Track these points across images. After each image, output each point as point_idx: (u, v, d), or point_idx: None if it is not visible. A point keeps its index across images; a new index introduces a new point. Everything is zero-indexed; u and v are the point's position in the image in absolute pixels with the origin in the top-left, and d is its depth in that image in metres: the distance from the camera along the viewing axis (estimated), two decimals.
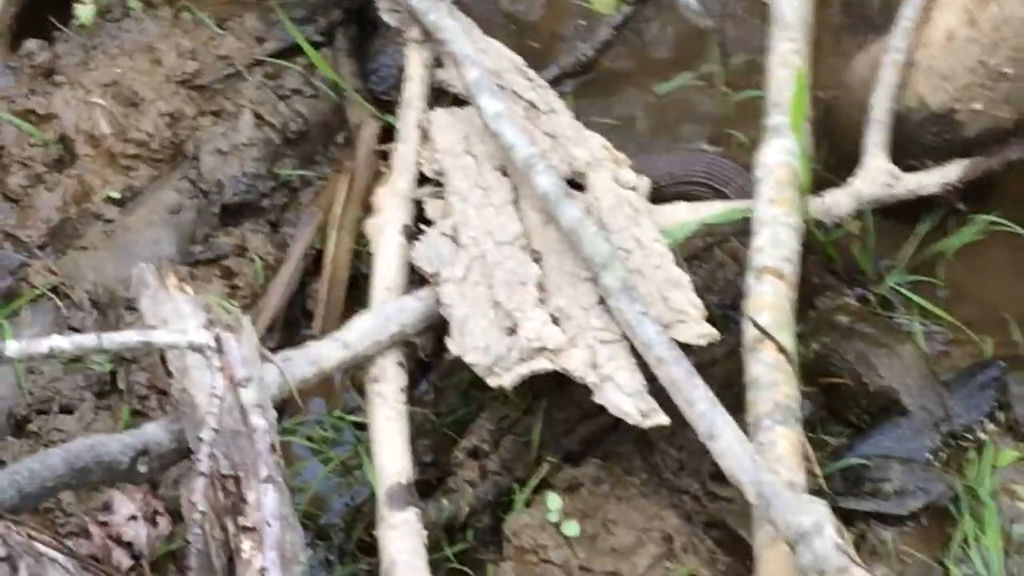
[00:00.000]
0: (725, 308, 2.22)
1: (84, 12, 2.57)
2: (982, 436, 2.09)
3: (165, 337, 1.88)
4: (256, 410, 1.66)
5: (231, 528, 1.62)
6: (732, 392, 1.95)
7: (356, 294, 2.23)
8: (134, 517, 1.85)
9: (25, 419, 2.17)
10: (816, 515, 1.67)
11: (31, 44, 2.60)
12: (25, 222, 2.45)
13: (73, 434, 2.17)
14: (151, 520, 1.85)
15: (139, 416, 2.19)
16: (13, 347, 1.75)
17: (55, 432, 2.15)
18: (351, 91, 2.53)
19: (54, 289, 2.35)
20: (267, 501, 1.61)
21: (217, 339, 1.71)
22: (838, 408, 2.17)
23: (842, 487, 2.04)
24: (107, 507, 1.89)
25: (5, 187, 2.53)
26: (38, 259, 2.38)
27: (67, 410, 2.17)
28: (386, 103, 2.46)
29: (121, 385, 2.18)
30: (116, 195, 2.44)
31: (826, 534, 1.68)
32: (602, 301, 2.00)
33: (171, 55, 2.55)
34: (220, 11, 2.68)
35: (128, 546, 1.78)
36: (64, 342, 1.73)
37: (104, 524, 1.85)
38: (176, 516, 1.93)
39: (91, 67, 2.56)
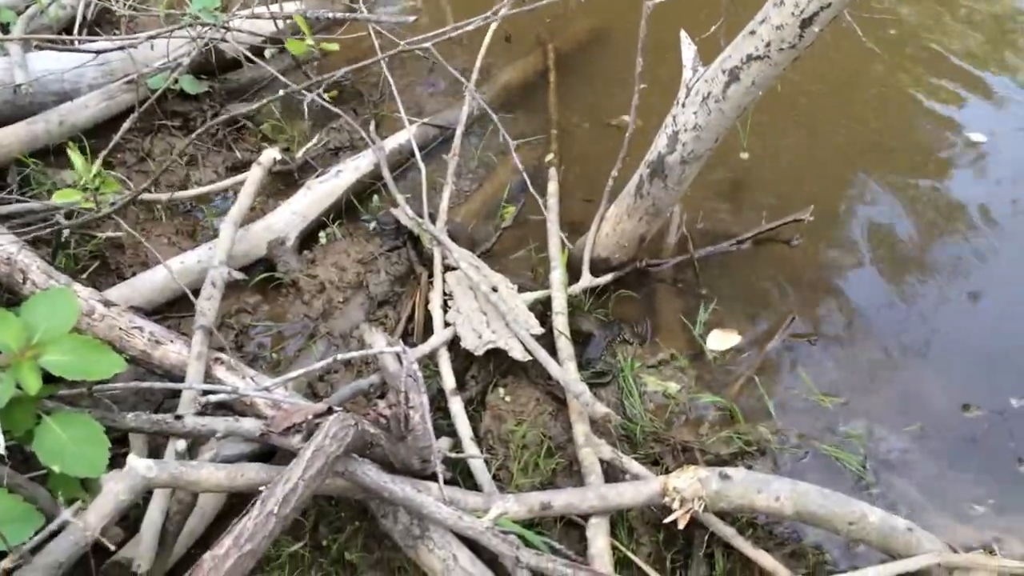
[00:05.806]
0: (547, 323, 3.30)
1: (320, 248, 3.81)
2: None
3: (383, 349, 3.01)
4: (415, 373, 2.68)
5: (405, 409, 2.61)
6: (550, 348, 3.18)
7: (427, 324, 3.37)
8: (388, 405, 2.66)
9: (320, 377, 3.32)
10: (582, 387, 3.00)
11: (305, 251, 3.79)
12: (311, 310, 3.62)
13: (342, 382, 3.29)
14: (392, 406, 2.62)
15: (359, 374, 3.31)
16: (323, 361, 2.78)
17: (333, 384, 3.28)
18: (416, 263, 3.78)
19: (327, 333, 3.51)
20: (422, 399, 2.71)
21: (404, 350, 2.74)
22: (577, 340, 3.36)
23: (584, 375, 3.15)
24: (378, 399, 2.86)
25: (302, 298, 3.64)
26: (319, 323, 3.57)
27: (335, 372, 3.36)
28: (427, 265, 3.64)
29: (353, 363, 3.35)
30: (340, 298, 3.62)
31: (586, 395, 2.99)
32: (507, 324, 3.32)
33: (353, 252, 3.80)
34: (368, 238, 3.89)
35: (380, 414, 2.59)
36: (340, 354, 2.83)
37: (375, 407, 2.68)
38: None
39: (327, 256, 3.79)
